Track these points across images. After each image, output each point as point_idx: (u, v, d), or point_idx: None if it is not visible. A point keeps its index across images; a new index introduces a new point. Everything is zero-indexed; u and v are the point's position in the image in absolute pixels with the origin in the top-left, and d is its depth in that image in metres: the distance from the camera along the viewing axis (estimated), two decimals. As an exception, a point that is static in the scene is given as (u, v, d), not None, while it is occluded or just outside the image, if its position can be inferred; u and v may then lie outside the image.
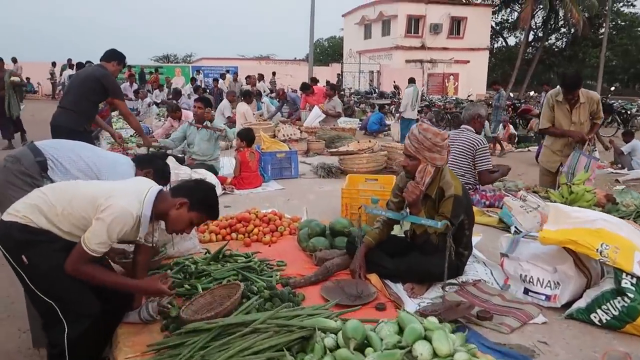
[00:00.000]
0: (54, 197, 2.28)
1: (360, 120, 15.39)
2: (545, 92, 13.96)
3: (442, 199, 2.76)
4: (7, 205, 2.61)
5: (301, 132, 8.03)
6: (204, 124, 5.77)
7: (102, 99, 5.08)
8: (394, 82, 24.44)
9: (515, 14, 37.98)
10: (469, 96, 21.37)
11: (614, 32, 35.30)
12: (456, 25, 32.68)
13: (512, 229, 3.16)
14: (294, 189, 5.51)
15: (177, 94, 11.83)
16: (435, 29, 31.73)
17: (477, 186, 4.65)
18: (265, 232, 3.79)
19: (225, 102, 10.76)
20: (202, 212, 2.42)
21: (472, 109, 4.55)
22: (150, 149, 5.85)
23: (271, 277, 2.96)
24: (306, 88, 10.86)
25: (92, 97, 4.81)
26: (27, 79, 22.20)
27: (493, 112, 12.69)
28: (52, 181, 2.79)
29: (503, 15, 38.88)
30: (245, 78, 16.42)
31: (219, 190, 5.18)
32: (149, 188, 2.35)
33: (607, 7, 33.77)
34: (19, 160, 2.80)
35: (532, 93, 18.63)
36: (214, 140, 5.94)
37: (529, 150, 12.32)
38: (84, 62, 11.09)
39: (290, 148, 6.33)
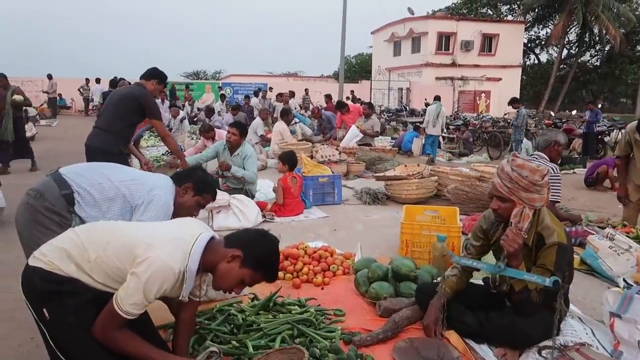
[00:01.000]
0: (87, 241, 1.92)
1: (393, 138, 14.95)
2: (590, 111, 13.31)
3: (541, 248, 2.30)
4: (34, 249, 2.27)
5: (340, 153, 7.64)
6: (222, 174, 5.43)
7: (139, 120, 4.74)
8: (425, 99, 23.89)
9: (547, 30, 37.28)
10: (505, 115, 20.66)
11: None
12: (488, 42, 32.01)
13: (622, 282, 2.67)
14: (338, 217, 5.09)
15: (209, 111, 11.56)
16: (467, 46, 31.14)
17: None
18: (316, 272, 3.38)
19: (258, 120, 10.45)
20: (257, 271, 1.98)
21: (548, 135, 4.08)
22: None
23: (332, 332, 2.53)
24: (341, 106, 10.49)
25: (128, 118, 4.48)
26: (59, 95, 22.60)
27: (513, 131, 12.12)
28: (80, 218, 2.42)
29: (535, 31, 38.13)
30: (277, 96, 16.15)
31: (258, 218, 4.82)
32: (197, 235, 1.96)
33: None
34: (42, 195, 2.40)
35: (574, 112, 17.81)
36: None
37: (574, 172, 11.63)
38: (118, 79, 10.96)
39: (333, 172, 5.92)
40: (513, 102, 12.37)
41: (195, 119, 15.48)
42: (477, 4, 37.72)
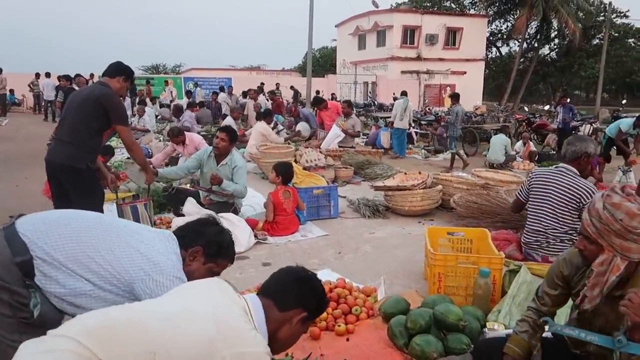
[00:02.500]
0: (113, 357, 1.24)
1: (364, 134, 14.45)
2: (563, 107, 13.16)
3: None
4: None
5: (325, 157, 7.07)
6: (210, 188, 4.75)
7: (106, 126, 3.94)
8: (394, 94, 23.52)
9: (508, 24, 37.75)
10: (476, 109, 20.56)
11: (609, 43, 35.05)
12: (452, 36, 32.07)
13: None
14: (340, 236, 4.53)
15: (177, 110, 10.66)
16: (431, 39, 31.09)
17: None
18: (337, 316, 2.82)
19: (229, 120, 9.78)
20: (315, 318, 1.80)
21: (577, 145, 3.55)
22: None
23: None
24: (319, 102, 9.90)
25: (93, 124, 3.68)
26: (11, 90, 21.07)
27: (449, 129, 11.52)
28: (42, 295, 1.68)
29: (496, 25, 38.57)
30: (245, 92, 15.37)
31: (251, 239, 4.21)
32: (245, 304, 1.48)
33: (601, 18, 33.82)
34: None
35: (546, 107, 17.78)
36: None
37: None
38: (73, 76, 10.02)
39: (328, 182, 5.33)
40: (453, 97, 11.73)
41: (158, 117, 14.58)
42: (442, -4, 37.83)
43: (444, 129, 14.98)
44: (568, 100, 14.96)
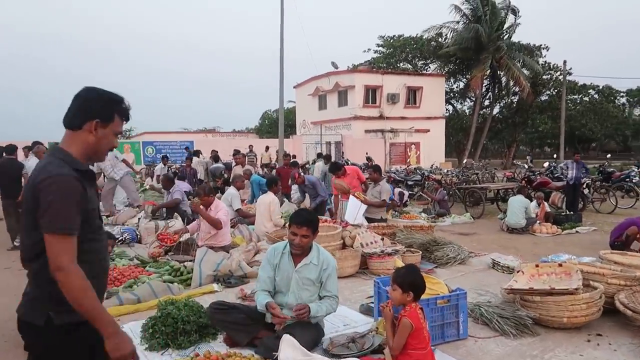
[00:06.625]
0: None
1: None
2: (576, 163, 12.36)
3: None
4: None
5: (382, 238, 5.59)
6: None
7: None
8: (367, 153, 22.61)
9: (460, 83, 38.65)
10: (464, 167, 19.86)
11: (556, 99, 36.35)
12: (412, 95, 32.32)
13: None
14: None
15: (169, 180, 8.65)
16: (393, 98, 31.16)
17: None
18: None
19: (232, 191, 8.18)
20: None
21: None
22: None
23: None
24: (337, 169, 8.50)
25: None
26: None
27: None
28: None
29: (449, 84, 39.46)
30: (217, 156, 13.81)
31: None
32: None
33: (545, 76, 35.25)
34: None
35: (546, 164, 17.06)
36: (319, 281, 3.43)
37: (577, 232, 10.45)
38: (32, 143, 8.17)
39: (448, 286, 3.78)
40: (318, 156, 10.78)
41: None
42: (396, 58, 38.43)
43: (445, 191, 13.81)
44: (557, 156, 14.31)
